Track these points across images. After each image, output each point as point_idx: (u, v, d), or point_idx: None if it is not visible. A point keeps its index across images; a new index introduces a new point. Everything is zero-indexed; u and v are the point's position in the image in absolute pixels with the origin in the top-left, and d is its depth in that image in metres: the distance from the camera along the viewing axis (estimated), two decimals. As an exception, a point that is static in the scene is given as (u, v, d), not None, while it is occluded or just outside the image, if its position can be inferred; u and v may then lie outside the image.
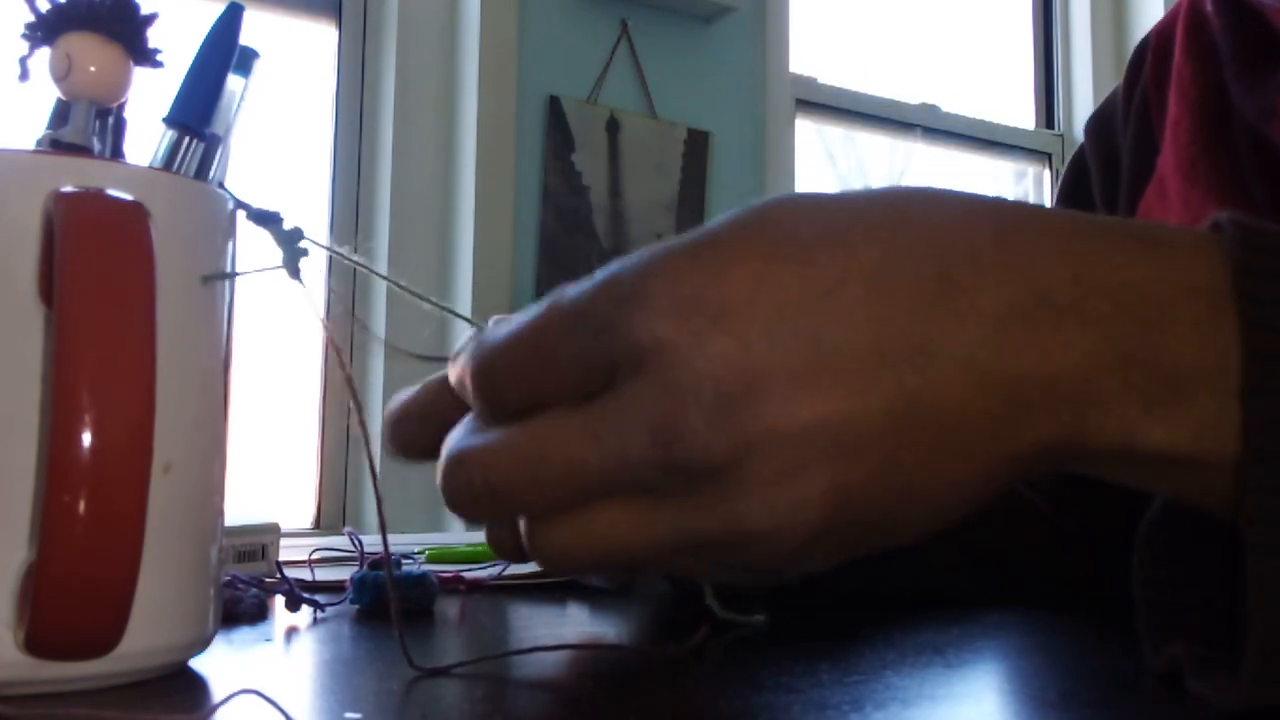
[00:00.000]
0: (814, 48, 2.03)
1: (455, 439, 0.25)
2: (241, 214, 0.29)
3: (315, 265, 0.29)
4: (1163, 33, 0.49)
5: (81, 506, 0.22)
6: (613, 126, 1.70)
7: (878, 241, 0.23)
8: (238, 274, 0.29)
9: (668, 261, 0.23)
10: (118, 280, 0.23)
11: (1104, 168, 0.50)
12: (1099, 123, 0.52)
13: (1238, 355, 0.22)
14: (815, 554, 0.23)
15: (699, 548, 0.23)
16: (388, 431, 0.32)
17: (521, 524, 0.24)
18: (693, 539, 0.23)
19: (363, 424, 0.29)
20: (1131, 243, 0.23)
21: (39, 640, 0.23)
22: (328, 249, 0.29)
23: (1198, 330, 0.22)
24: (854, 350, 0.22)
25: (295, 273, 0.28)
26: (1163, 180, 0.44)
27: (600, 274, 0.23)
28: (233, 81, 0.30)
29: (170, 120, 0.29)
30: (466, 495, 0.24)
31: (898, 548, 0.24)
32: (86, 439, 0.22)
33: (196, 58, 0.29)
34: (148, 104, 0.30)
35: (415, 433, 0.30)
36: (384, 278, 0.32)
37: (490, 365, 0.24)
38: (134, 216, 0.24)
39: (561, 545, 0.24)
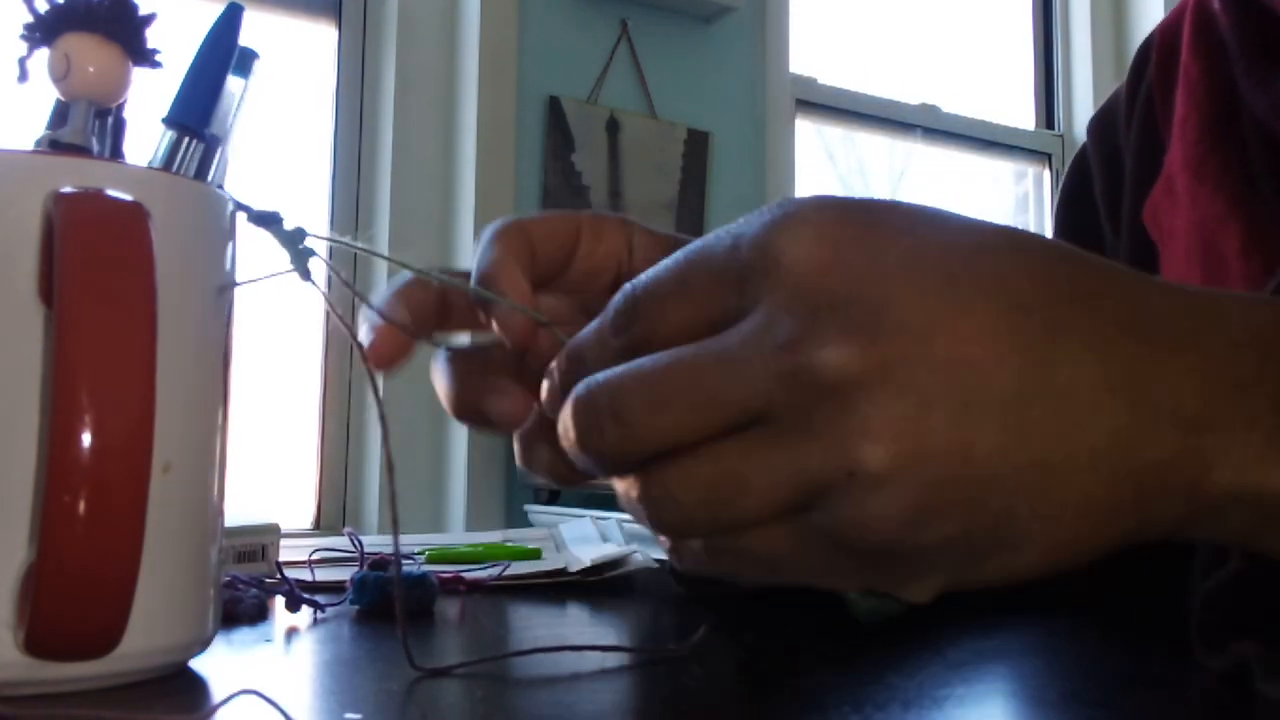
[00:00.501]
0: (814, 48, 2.03)
1: (586, 379, 0.23)
2: (242, 216, 0.29)
3: (318, 260, 0.29)
4: (1167, 31, 0.49)
5: (81, 506, 0.22)
6: (612, 126, 1.70)
7: (1011, 234, 0.23)
8: (252, 281, 0.29)
9: (814, 198, 0.23)
10: (118, 280, 0.23)
11: (1106, 168, 0.50)
12: (1101, 123, 0.52)
13: None
14: (925, 537, 0.21)
15: (809, 497, 0.21)
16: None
17: (633, 479, 0.23)
18: (804, 477, 0.21)
19: (383, 418, 0.29)
20: (1233, 295, 0.24)
21: (39, 640, 0.23)
22: (331, 239, 0.29)
23: None
24: (991, 307, 0.21)
25: (306, 274, 0.28)
26: (1170, 179, 0.44)
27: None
28: (233, 83, 0.30)
29: (170, 121, 0.29)
30: (593, 423, 0.23)
31: (1013, 581, 0.22)
32: (86, 439, 0.22)
33: (196, 58, 0.28)
34: (148, 104, 0.30)
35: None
36: (390, 259, 0.32)
37: (633, 295, 0.24)
38: (134, 217, 0.24)
39: (675, 483, 0.22)
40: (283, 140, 1.55)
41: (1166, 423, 0.22)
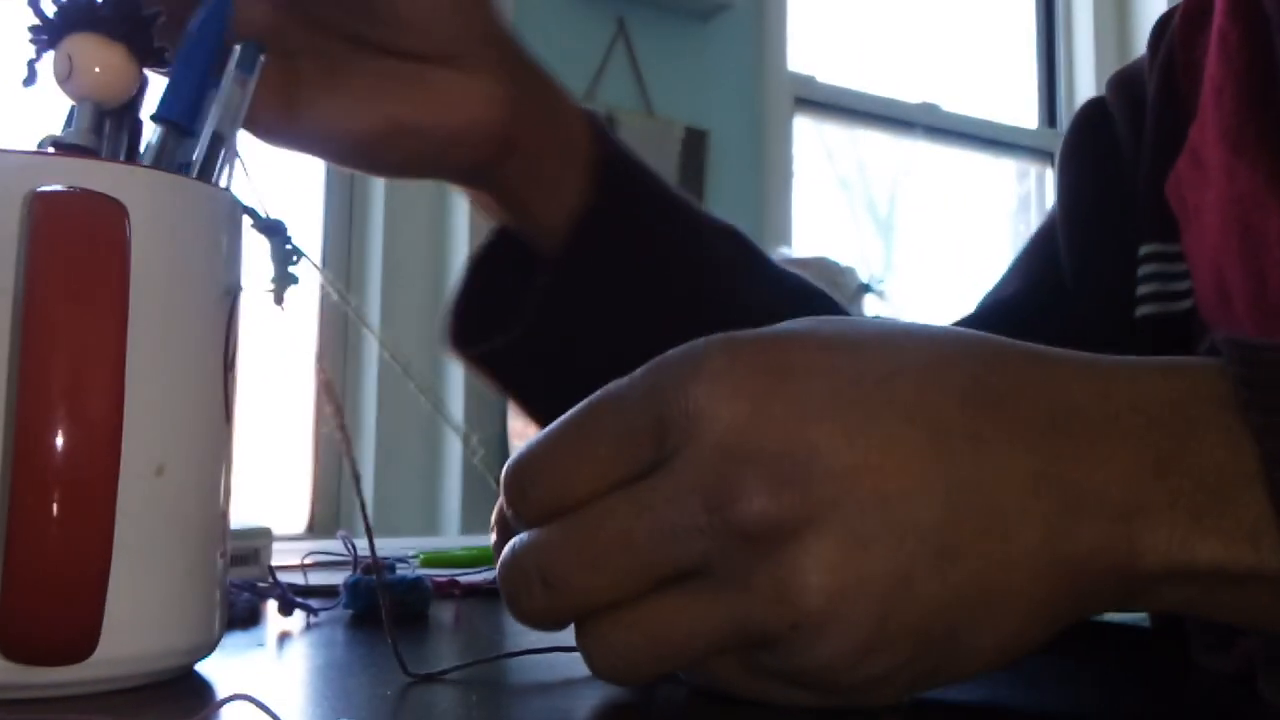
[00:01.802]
0: (813, 45, 2.03)
1: (515, 538, 0.24)
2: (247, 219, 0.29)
3: (314, 270, 0.29)
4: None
5: (47, 508, 0.22)
6: (610, 124, 1.70)
7: (921, 344, 0.23)
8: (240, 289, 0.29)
9: (720, 340, 0.23)
10: (87, 277, 0.23)
11: (1131, 117, 0.47)
12: (1125, 80, 0.49)
13: (1259, 461, 0.22)
14: (876, 669, 0.22)
15: (754, 643, 0.22)
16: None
17: (577, 630, 0.24)
18: (746, 630, 0.22)
19: (342, 428, 0.29)
20: (1149, 368, 0.24)
21: (11, 645, 0.23)
22: (319, 271, 0.29)
23: (1231, 437, 0.22)
24: (912, 435, 0.22)
25: (279, 299, 0.28)
26: (1196, 150, 0.41)
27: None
28: (238, 80, 0.29)
29: (157, 116, 0.28)
30: (522, 587, 0.23)
31: (967, 679, 0.23)
32: (51, 439, 0.22)
33: (180, 51, 0.28)
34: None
35: None
36: (369, 328, 0.32)
37: (519, 466, 0.24)
38: (106, 214, 0.24)
39: (614, 642, 0.23)
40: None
41: (1093, 512, 0.22)
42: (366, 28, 0.34)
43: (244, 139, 0.31)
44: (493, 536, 0.29)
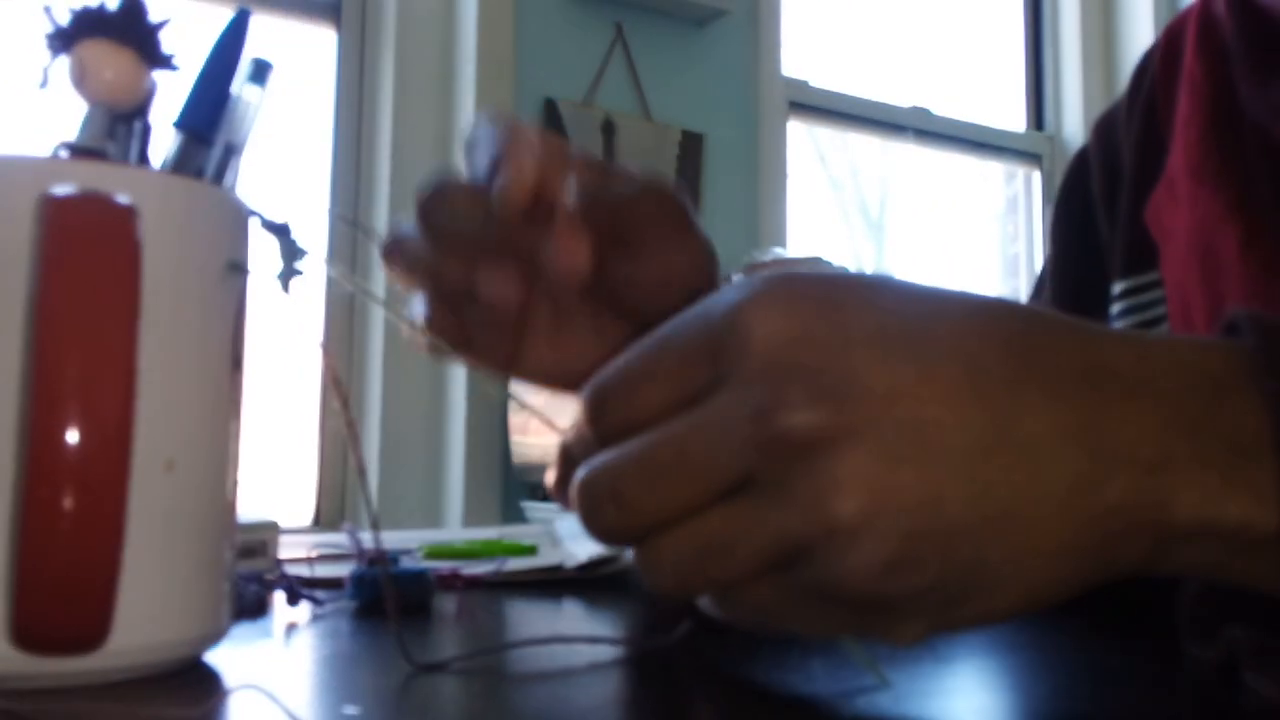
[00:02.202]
0: (806, 51, 2.04)
1: (589, 460, 0.25)
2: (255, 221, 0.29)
3: (318, 267, 0.29)
4: (1173, 32, 0.49)
5: (59, 502, 0.22)
6: (608, 129, 1.70)
7: (965, 300, 0.25)
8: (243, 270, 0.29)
9: (780, 275, 0.24)
10: (99, 278, 0.23)
11: (1106, 166, 0.50)
12: (1106, 124, 0.51)
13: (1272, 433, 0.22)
14: (904, 586, 0.22)
15: (792, 556, 0.22)
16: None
17: (638, 549, 0.24)
18: (785, 538, 0.22)
19: (350, 423, 0.30)
20: (1184, 340, 0.25)
21: (24, 636, 0.23)
22: (328, 270, 0.30)
23: (1254, 406, 0.23)
24: (951, 370, 0.23)
25: (286, 286, 0.29)
26: (1172, 180, 0.44)
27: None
28: (249, 92, 0.30)
29: (179, 124, 0.29)
30: (595, 505, 0.24)
31: (994, 623, 0.23)
32: (64, 435, 0.22)
33: (205, 62, 0.29)
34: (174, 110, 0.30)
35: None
36: (375, 298, 0.32)
37: (599, 387, 0.25)
38: (118, 217, 0.24)
39: (669, 549, 0.24)
40: (282, 142, 1.55)
41: (1124, 466, 0.23)
42: (603, 297, 0.35)
43: (253, 147, 0.31)
44: (551, 474, 0.30)
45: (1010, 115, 2.32)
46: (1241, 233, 0.40)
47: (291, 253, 0.28)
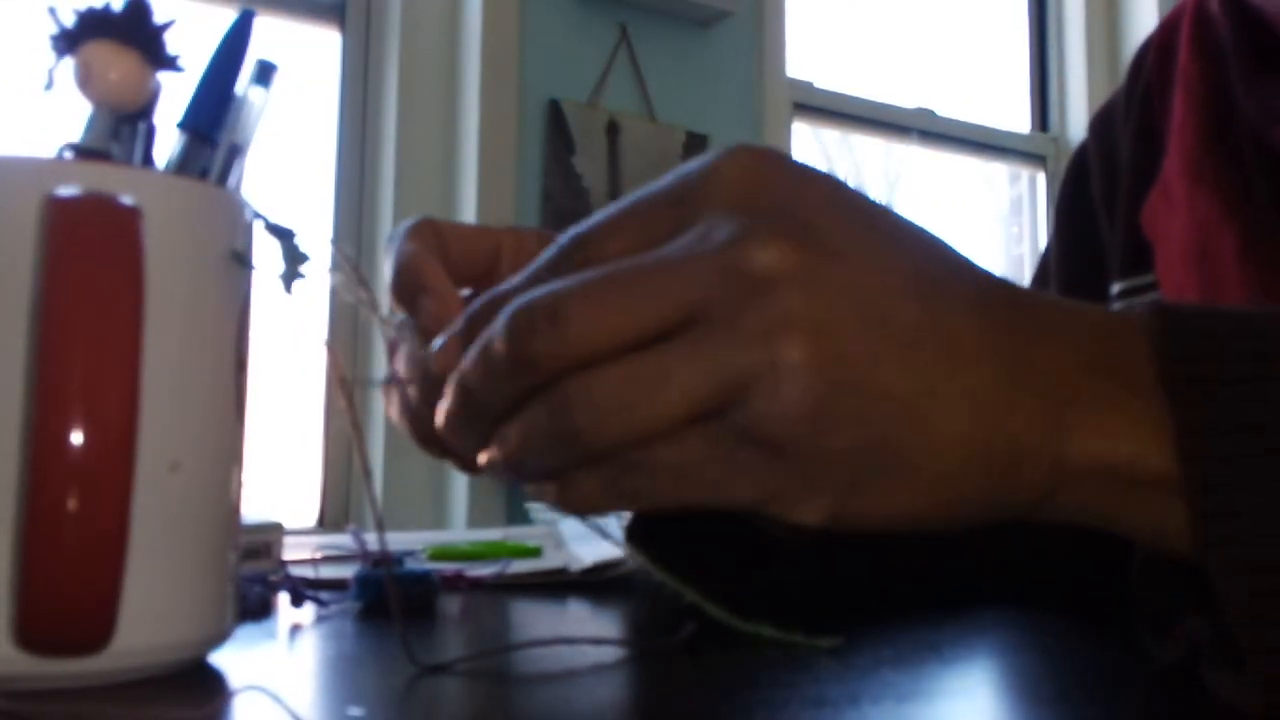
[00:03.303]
0: (811, 52, 2.04)
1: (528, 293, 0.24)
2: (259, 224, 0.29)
3: (323, 272, 0.29)
4: (1166, 29, 0.48)
5: (62, 505, 0.22)
6: (612, 130, 1.70)
7: (906, 221, 0.26)
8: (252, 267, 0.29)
9: (756, 145, 0.25)
10: (102, 279, 0.23)
11: (1104, 165, 0.50)
12: (1102, 121, 0.51)
13: (1165, 390, 0.24)
14: (824, 441, 0.23)
15: (731, 390, 0.22)
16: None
17: (553, 391, 0.23)
18: (727, 372, 0.22)
19: (355, 424, 0.30)
20: (1086, 304, 0.26)
21: (27, 636, 0.23)
22: (332, 276, 0.30)
23: (1152, 360, 0.24)
24: (902, 252, 0.24)
25: (288, 288, 0.29)
26: (1167, 182, 0.44)
27: None
28: (254, 93, 0.30)
29: (183, 125, 0.29)
30: (527, 328, 0.23)
31: (897, 513, 0.24)
32: (67, 437, 0.22)
33: (209, 63, 0.29)
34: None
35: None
36: (376, 310, 0.32)
37: (580, 232, 0.25)
38: (122, 218, 0.24)
39: (594, 391, 0.22)
40: (287, 143, 1.56)
41: (1033, 393, 0.24)
42: None
43: (258, 149, 0.31)
44: (401, 373, 0.29)
45: (1015, 116, 2.31)
46: (1239, 235, 0.40)
47: (294, 256, 0.28)
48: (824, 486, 0.24)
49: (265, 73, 0.30)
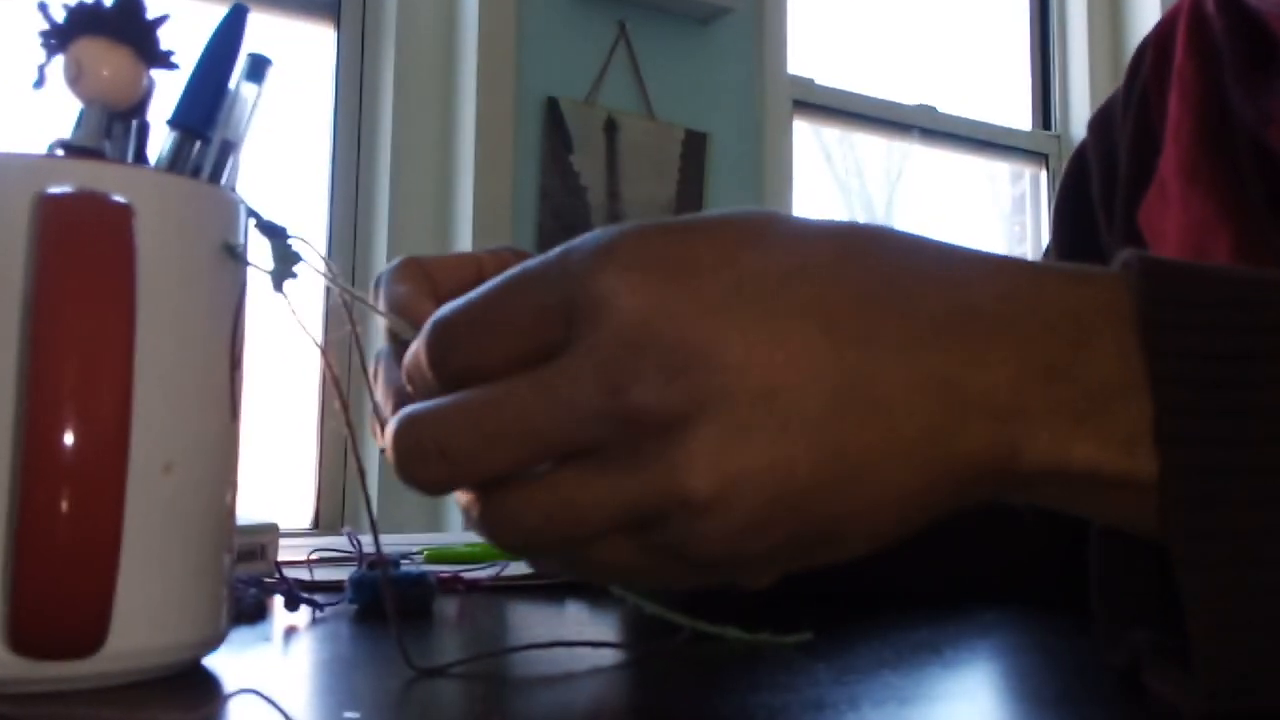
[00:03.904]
0: (811, 49, 2.04)
1: (408, 407, 0.24)
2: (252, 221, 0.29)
3: (315, 273, 0.29)
4: (1163, 30, 0.48)
5: (55, 506, 0.22)
6: (611, 127, 1.70)
7: (834, 241, 0.24)
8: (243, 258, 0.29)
9: (637, 227, 0.23)
10: (94, 277, 0.23)
11: (1103, 165, 0.50)
12: (1101, 120, 0.51)
13: (1145, 375, 0.23)
14: (758, 547, 0.22)
15: (643, 521, 0.22)
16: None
17: (471, 498, 0.24)
18: (637, 506, 0.22)
19: (349, 425, 0.30)
20: (1055, 273, 0.25)
21: (20, 639, 0.23)
22: (324, 275, 0.30)
23: (1120, 348, 0.23)
24: (805, 332, 0.22)
25: (279, 286, 0.29)
26: (1163, 182, 0.44)
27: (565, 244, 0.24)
28: (246, 89, 0.30)
29: (173, 122, 0.29)
30: (417, 457, 0.23)
31: (843, 560, 0.24)
32: (59, 438, 0.22)
33: (200, 58, 0.29)
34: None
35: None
36: (373, 307, 0.32)
37: (446, 324, 0.24)
38: (114, 216, 0.24)
39: (510, 511, 0.23)
40: (281, 141, 1.55)
41: (978, 414, 0.23)
42: None
43: (251, 146, 0.31)
44: (380, 404, 0.29)
45: (1017, 114, 2.31)
46: (1232, 237, 0.40)
47: (285, 255, 0.28)
48: (768, 569, 0.24)
49: (258, 68, 0.29)
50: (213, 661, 0.29)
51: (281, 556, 0.46)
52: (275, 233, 0.28)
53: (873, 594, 0.42)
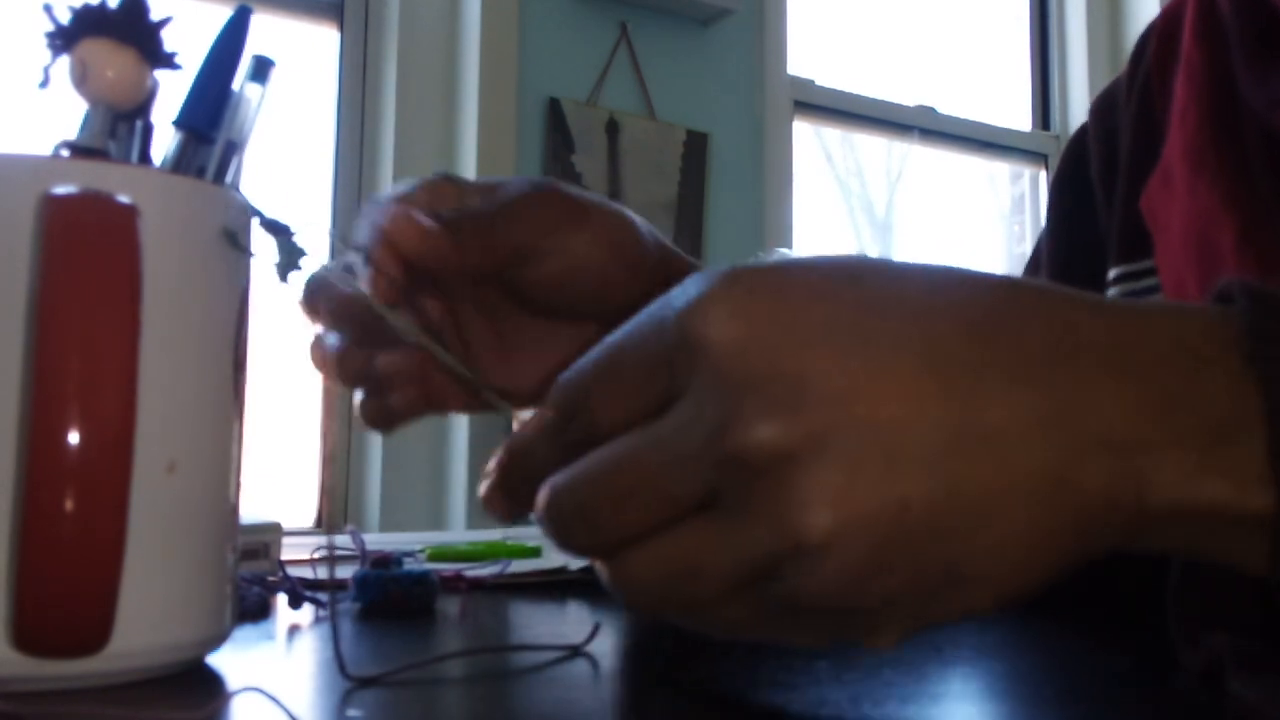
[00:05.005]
0: (811, 50, 2.04)
1: (554, 477, 0.24)
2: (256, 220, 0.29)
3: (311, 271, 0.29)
4: (1169, 15, 0.47)
5: (60, 505, 0.22)
6: (612, 128, 1.70)
7: (927, 276, 0.23)
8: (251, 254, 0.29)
9: (730, 269, 0.23)
10: (99, 278, 0.23)
11: (1104, 147, 0.49)
12: (1103, 104, 0.50)
13: (1263, 410, 0.22)
14: (875, 593, 0.22)
15: (762, 571, 0.22)
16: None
17: (607, 566, 0.24)
18: (754, 556, 0.22)
19: (331, 409, 0.30)
20: (1158, 306, 0.24)
21: (25, 638, 0.23)
22: (329, 271, 0.30)
23: (1235, 381, 0.22)
24: (910, 362, 0.22)
25: (283, 278, 0.29)
26: (1167, 169, 0.43)
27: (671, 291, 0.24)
28: (250, 89, 0.30)
29: (179, 123, 0.29)
30: (564, 525, 0.24)
31: (974, 618, 0.23)
32: (64, 438, 0.22)
33: (205, 60, 0.29)
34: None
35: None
36: (387, 314, 0.33)
37: (567, 388, 0.24)
38: (119, 217, 0.24)
39: (637, 571, 0.23)
40: (285, 141, 1.55)
41: (1097, 449, 0.22)
42: (536, 310, 0.37)
43: (255, 146, 0.31)
44: (491, 479, 0.29)
45: (1016, 114, 2.31)
46: (1238, 226, 0.39)
47: (290, 253, 0.28)
48: (890, 622, 0.23)
49: (262, 68, 0.29)
50: (216, 660, 0.29)
51: (285, 555, 0.46)
52: (279, 230, 0.28)
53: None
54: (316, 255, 0.29)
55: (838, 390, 0.21)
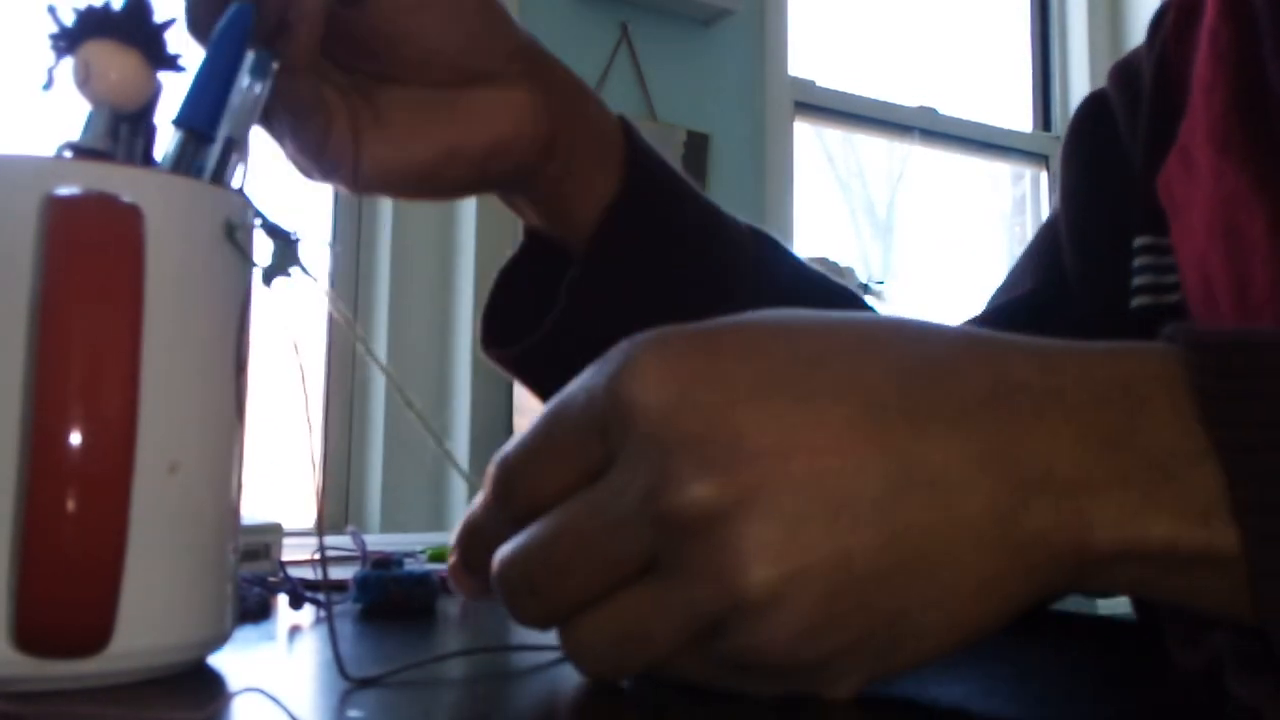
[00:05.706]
0: (813, 50, 2.04)
1: (502, 548, 0.25)
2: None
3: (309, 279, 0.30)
4: None
5: (61, 505, 0.22)
6: (614, 128, 1.70)
7: (858, 327, 0.23)
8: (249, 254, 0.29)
9: (655, 333, 0.23)
10: (101, 279, 0.23)
11: (1129, 109, 0.47)
12: (1124, 69, 0.48)
13: (1210, 444, 0.21)
14: (825, 648, 0.21)
15: (706, 629, 0.22)
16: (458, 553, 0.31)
17: (560, 634, 0.24)
18: (696, 616, 0.22)
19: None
20: (1096, 348, 0.23)
21: (26, 638, 0.23)
22: (323, 289, 0.30)
23: (1179, 417, 0.21)
24: (844, 414, 0.21)
25: (267, 282, 0.29)
26: (1187, 150, 0.41)
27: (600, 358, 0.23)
28: (251, 87, 0.30)
29: (178, 122, 0.29)
30: (513, 597, 0.24)
31: (930, 664, 0.22)
32: (66, 438, 0.22)
33: (205, 58, 0.29)
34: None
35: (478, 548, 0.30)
36: (372, 354, 0.33)
37: (504, 465, 0.25)
38: (122, 218, 0.24)
39: (586, 638, 0.23)
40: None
41: (1038, 489, 0.21)
42: (396, 70, 0.35)
43: (256, 145, 0.31)
44: (453, 556, 0.30)
45: (1017, 115, 2.31)
46: (1269, 212, 0.38)
47: (283, 259, 0.28)
48: (845, 673, 0.22)
49: (262, 65, 0.29)
50: (218, 660, 0.29)
51: (285, 556, 0.46)
52: (279, 234, 0.28)
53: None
54: (309, 264, 0.29)
55: (771, 445, 0.21)
